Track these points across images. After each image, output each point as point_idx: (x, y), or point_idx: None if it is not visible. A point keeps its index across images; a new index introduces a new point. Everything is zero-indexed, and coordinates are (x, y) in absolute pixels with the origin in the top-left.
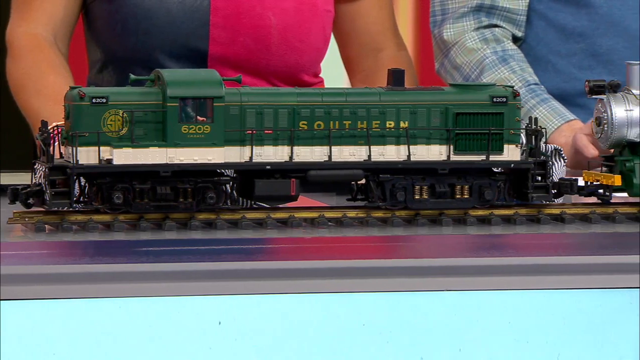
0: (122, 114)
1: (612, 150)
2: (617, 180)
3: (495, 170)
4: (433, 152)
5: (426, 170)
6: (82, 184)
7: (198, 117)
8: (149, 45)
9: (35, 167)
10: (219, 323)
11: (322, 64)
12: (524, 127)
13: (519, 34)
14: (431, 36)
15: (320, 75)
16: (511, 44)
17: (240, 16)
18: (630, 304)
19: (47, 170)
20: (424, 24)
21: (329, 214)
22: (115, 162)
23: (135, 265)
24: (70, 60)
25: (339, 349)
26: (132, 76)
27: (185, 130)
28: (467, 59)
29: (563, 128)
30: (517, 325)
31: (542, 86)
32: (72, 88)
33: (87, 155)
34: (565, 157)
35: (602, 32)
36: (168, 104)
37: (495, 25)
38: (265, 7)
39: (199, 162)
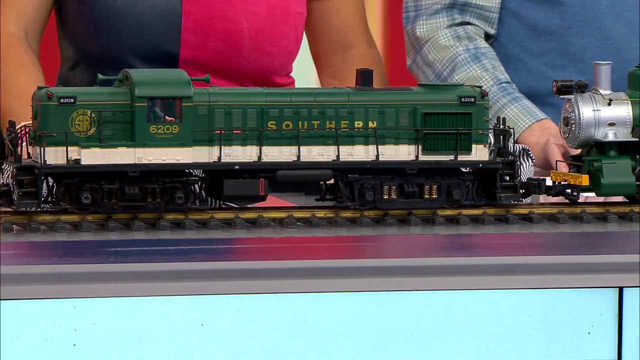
0: (90, 114)
1: (579, 150)
2: (585, 180)
3: (463, 170)
4: (401, 152)
5: (395, 170)
6: (50, 184)
7: (166, 117)
8: (120, 47)
9: (2, 167)
10: (188, 323)
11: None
12: (492, 127)
13: (492, 31)
14: (403, 33)
15: (291, 74)
16: (483, 42)
17: (212, 20)
18: (599, 303)
19: (14, 170)
20: (393, 21)
21: (298, 214)
22: (83, 162)
23: (103, 266)
24: (43, 54)
25: (307, 348)
26: (101, 76)
27: (153, 130)
28: (439, 56)
29: (534, 127)
30: (485, 324)
31: (514, 85)
32: (39, 88)
33: (55, 155)
34: (534, 157)
35: (574, 31)
36: (136, 104)
37: (468, 23)
38: (237, 11)
39: (167, 162)
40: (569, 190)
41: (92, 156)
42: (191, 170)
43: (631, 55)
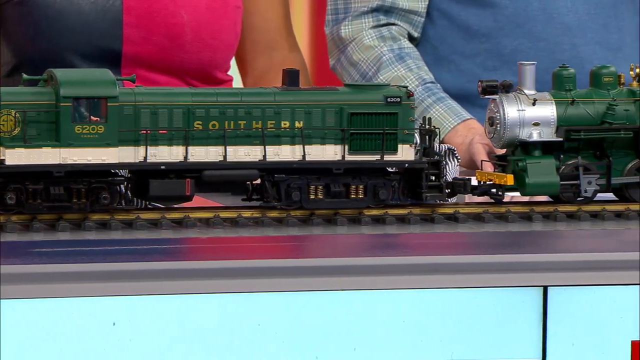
0: (15, 114)
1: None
2: (510, 179)
3: (389, 170)
4: (328, 152)
5: (321, 170)
6: None
7: (92, 117)
8: (62, 47)
9: None
10: (114, 324)
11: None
12: (418, 127)
13: (415, 34)
14: (325, 33)
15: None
16: (407, 42)
17: (153, 15)
18: (523, 302)
19: None
20: (320, 24)
21: (224, 214)
22: (8, 162)
23: (28, 267)
24: None
25: (234, 349)
26: (25, 76)
27: (78, 130)
28: (364, 55)
29: (459, 128)
30: (411, 324)
31: (438, 85)
32: None
33: None
34: (459, 157)
35: (506, 32)
36: (61, 104)
37: (393, 24)
38: (178, 5)
39: (92, 162)
40: (494, 190)
41: (17, 156)
42: (117, 171)
43: (563, 57)
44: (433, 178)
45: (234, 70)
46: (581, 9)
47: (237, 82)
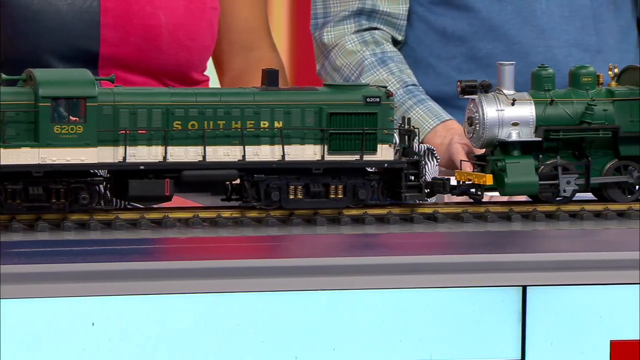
0: None
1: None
2: (489, 179)
3: (369, 169)
4: (307, 152)
5: (300, 170)
6: None
7: (71, 117)
8: (40, 48)
9: None
10: (93, 324)
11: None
12: (397, 127)
13: (399, 37)
14: (310, 38)
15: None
16: (390, 46)
17: (130, 16)
18: (503, 302)
19: None
20: (300, 26)
21: (204, 214)
22: None
23: (6, 267)
24: None
25: (214, 349)
26: (4, 76)
27: (57, 130)
28: (346, 60)
29: (438, 129)
30: (390, 324)
31: (420, 87)
32: None
33: None
34: (438, 157)
35: (481, 36)
36: (40, 104)
37: (376, 28)
38: (155, 6)
39: (71, 162)
40: (473, 190)
41: None
42: (96, 171)
43: (537, 60)
44: (412, 178)
45: (210, 70)
46: (556, 11)
47: (214, 82)
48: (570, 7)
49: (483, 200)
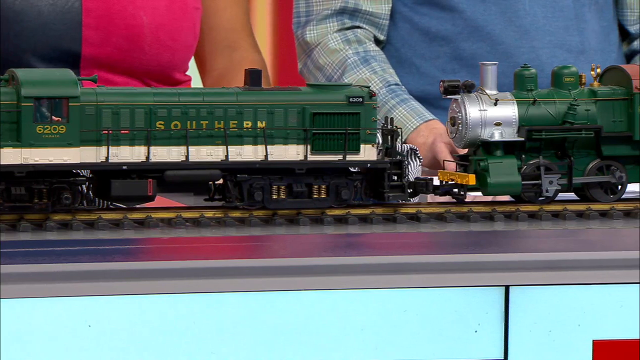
0: None
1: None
2: (472, 179)
3: (352, 169)
4: (290, 152)
5: (283, 170)
6: None
7: (53, 117)
8: (22, 49)
9: None
10: (75, 324)
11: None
12: (380, 127)
13: (381, 37)
14: (293, 37)
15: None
16: (373, 45)
17: (112, 17)
18: (485, 301)
19: None
20: (282, 26)
21: (187, 214)
22: None
23: None
24: None
25: (196, 348)
26: None
27: (40, 130)
28: (329, 59)
29: (421, 128)
30: (373, 323)
31: (403, 87)
32: None
33: None
34: (421, 157)
35: (465, 36)
36: (22, 104)
37: (358, 27)
38: (137, 6)
39: (54, 162)
40: (456, 190)
41: None
42: (78, 171)
43: (521, 60)
44: (395, 178)
45: (193, 70)
46: (539, 12)
47: (196, 82)
48: (553, 8)
49: (466, 200)
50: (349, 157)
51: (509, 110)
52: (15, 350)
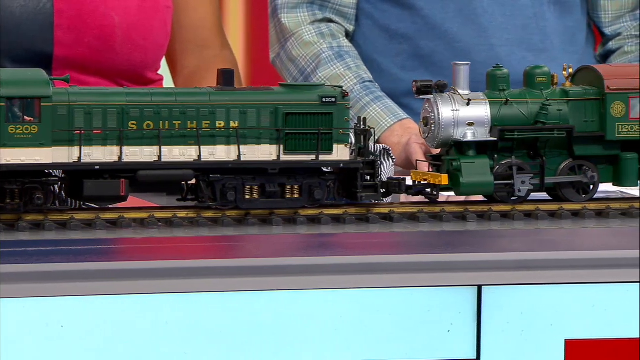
0: None
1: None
2: (444, 179)
3: (324, 169)
4: (263, 152)
5: (256, 170)
6: None
7: (25, 117)
8: None
9: None
10: (47, 325)
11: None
12: (353, 127)
13: (351, 28)
14: (265, 31)
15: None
16: (346, 40)
17: (84, 17)
18: (458, 301)
19: None
20: (255, 22)
21: (159, 214)
22: None
23: None
24: None
25: (169, 349)
26: None
27: (12, 130)
28: (303, 52)
29: (395, 127)
30: (346, 323)
31: (376, 84)
32: None
33: None
34: (394, 157)
35: (424, 34)
36: None
37: (330, 20)
38: (109, 6)
39: (26, 162)
40: (428, 190)
41: None
42: (51, 171)
43: (480, 58)
44: (368, 178)
45: (164, 69)
46: (497, 10)
47: (168, 81)
48: (512, 7)
49: (439, 200)
50: (322, 157)
51: (482, 110)
52: None
